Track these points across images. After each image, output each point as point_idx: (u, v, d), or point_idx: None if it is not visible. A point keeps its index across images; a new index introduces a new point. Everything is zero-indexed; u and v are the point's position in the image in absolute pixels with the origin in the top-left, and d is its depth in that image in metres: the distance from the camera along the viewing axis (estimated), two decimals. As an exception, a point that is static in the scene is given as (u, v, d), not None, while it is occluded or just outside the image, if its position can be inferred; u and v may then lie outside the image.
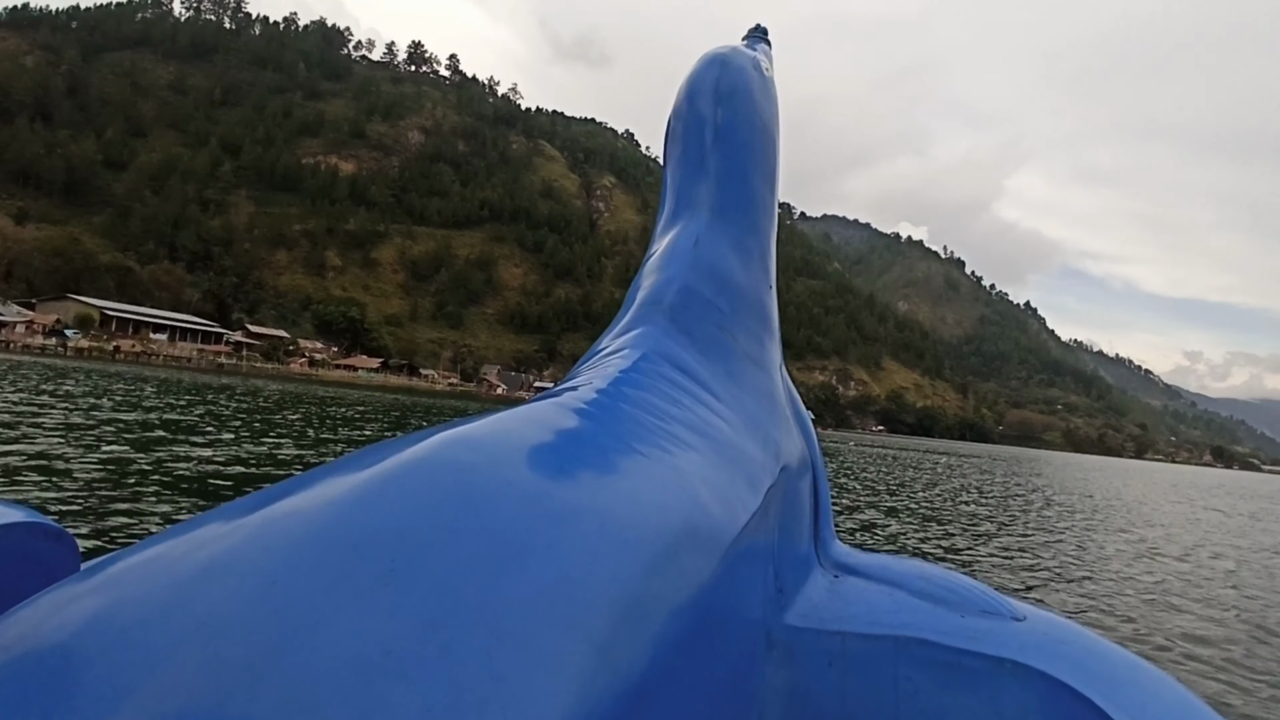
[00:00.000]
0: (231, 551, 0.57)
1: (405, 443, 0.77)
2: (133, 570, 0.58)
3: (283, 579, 0.54)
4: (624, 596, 0.69)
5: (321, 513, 0.62)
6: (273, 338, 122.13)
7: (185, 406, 24.46)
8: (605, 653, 0.62)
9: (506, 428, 0.87)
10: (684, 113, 1.85)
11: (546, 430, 0.91)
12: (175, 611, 0.52)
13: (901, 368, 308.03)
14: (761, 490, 1.26)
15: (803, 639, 1.30)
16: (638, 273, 1.79)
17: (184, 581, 0.54)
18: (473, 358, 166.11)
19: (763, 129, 1.86)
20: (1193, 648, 7.90)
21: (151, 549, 0.61)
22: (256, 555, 0.57)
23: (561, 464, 0.82)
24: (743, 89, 1.82)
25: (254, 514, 0.63)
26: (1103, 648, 1.25)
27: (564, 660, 0.57)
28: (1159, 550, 15.27)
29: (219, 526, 0.62)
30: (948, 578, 1.45)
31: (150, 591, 0.54)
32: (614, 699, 0.60)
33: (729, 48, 1.93)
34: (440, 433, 0.81)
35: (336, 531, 0.59)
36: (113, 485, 9.72)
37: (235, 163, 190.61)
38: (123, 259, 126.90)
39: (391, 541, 0.59)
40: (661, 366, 1.37)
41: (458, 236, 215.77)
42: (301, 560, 0.56)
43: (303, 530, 0.59)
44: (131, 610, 0.52)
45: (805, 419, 1.85)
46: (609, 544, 0.72)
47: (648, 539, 0.79)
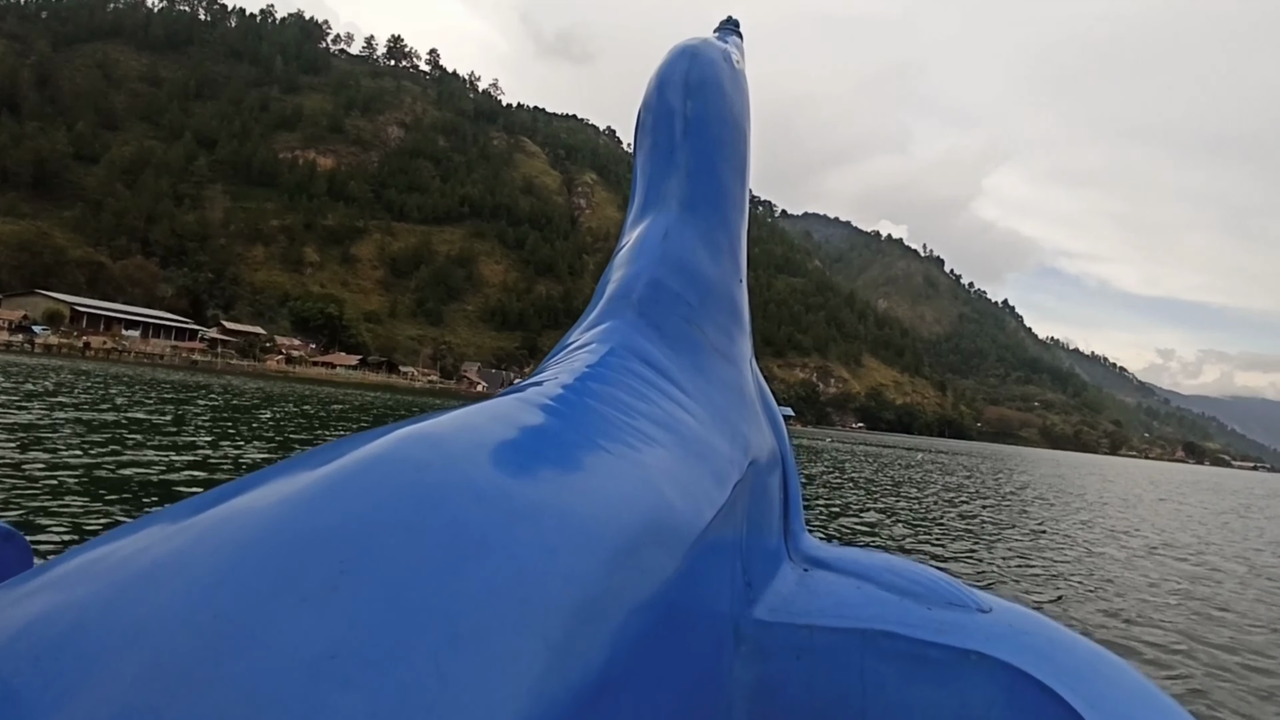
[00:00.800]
0: (177, 552, 0.56)
1: (363, 439, 0.76)
2: (74, 573, 0.56)
3: (228, 581, 0.53)
4: (582, 595, 0.68)
5: (271, 512, 0.60)
6: (249, 334, 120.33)
7: (151, 405, 23.84)
8: (561, 652, 0.61)
9: (467, 424, 0.85)
10: (653, 105, 1.83)
11: (508, 426, 0.89)
12: (114, 615, 0.50)
13: (881, 365, 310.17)
14: (729, 485, 1.26)
15: (771, 633, 1.30)
16: (607, 266, 1.78)
17: (126, 584, 0.53)
18: (453, 355, 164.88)
19: (733, 122, 1.85)
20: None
21: (95, 550, 0.59)
22: (202, 556, 0.55)
23: (522, 461, 0.81)
24: (712, 81, 1.80)
25: (202, 514, 0.61)
26: (1066, 639, 1.27)
27: (517, 661, 0.57)
28: (1165, 550, 15.23)
29: (166, 527, 0.60)
30: (915, 570, 1.45)
31: (89, 595, 0.52)
32: (571, 699, 0.59)
33: (699, 39, 1.91)
34: (399, 429, 0.79)
35: (285, 531, 0.58)
36: (67, 488, 9.31)
37: (210, 156, 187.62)
38: (94, 254, 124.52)
39: (342, 541, 0.58)
40: (629, 361, 1.37)
41: (438, 233, 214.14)
42: (248, 561, 0.55)
43: (251, 530, 0.58)
44: (68, 614, 0.51)
45: (775, 413, 1.84)
46: (568, 542, 0.71)
47: (609, 536, 0.78)
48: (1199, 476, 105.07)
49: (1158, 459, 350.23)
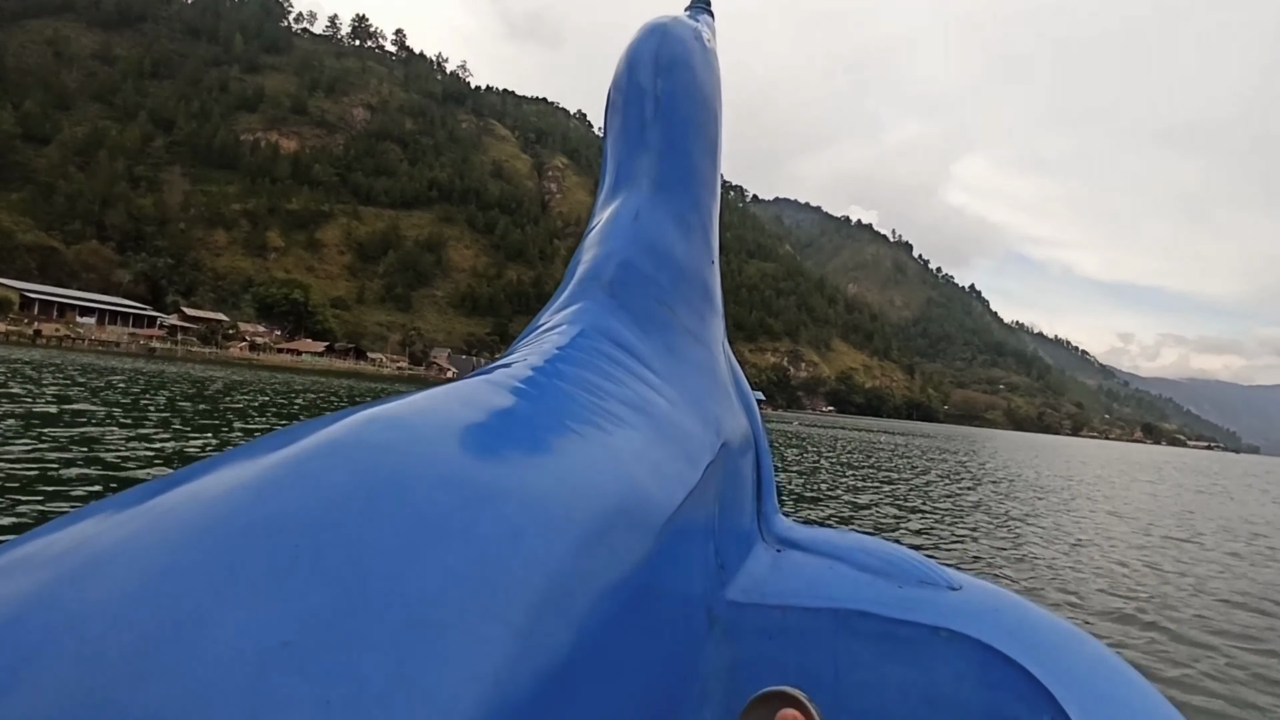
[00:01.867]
0: (121, 542, 0.53)
1: (324, 422, 0.74)
2: (11, 564, 0.53)
3: (175, 570, 0.51)
4: (547, 579, 0.67)
5: (221, 499, 0.58)
6: (210, 321, 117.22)
7: (95, 396, 22.74)
8: (526, 636, 0.60)
9: (432, 406, 0.84)
10: (623, 84, 1.80)
11: (475, 408, 0.88)
12: (54, 606, 0.48)
13: (851, 349, 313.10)
14: (700, 466, 1.25)
15: (744, 614, 1.30)
16: (578, 247, 1.76)
17: (67, 575, 0.50)
18: (422, 341, 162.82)
19: (704, 101, 1.82)
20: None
21: (34, 542, 0.56)
22: (148, 545, 0.53)
23: (488, 443, 0.79)
24: (683, 60, 1.77)
25: (148, 502, 0.59)
26: (1035, 615, 1.28)
27: (478, 647, 0.56)
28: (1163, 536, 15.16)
29: (110, 516, 0.57)
30: (887, 550, 1.45)
31: (28, 586, 0.50)
32: (536, 683, 0.58)
33: (669, 18, 1.88)
34: (361, 411, 0.77)
35: (236, 518, 0.56)
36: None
37: (168, 138, 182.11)
38: (46, 238, 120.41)
39: (296, 527, 0.56)
40: (599, 342, 1.36)
41: (406, 217, 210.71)
42: (196, 550, 0.52)
43: (199, 518, 0.55)
44: (6, 606, 0.48)
45: (748, 395, 1.84)
46: (533, 525, 0.70)
47: (576, 519, 0.77)
48: (1166, 457, 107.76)
49: (1117, 439, 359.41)
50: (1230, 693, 6.23)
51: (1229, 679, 6.58)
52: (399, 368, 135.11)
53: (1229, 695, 6.17)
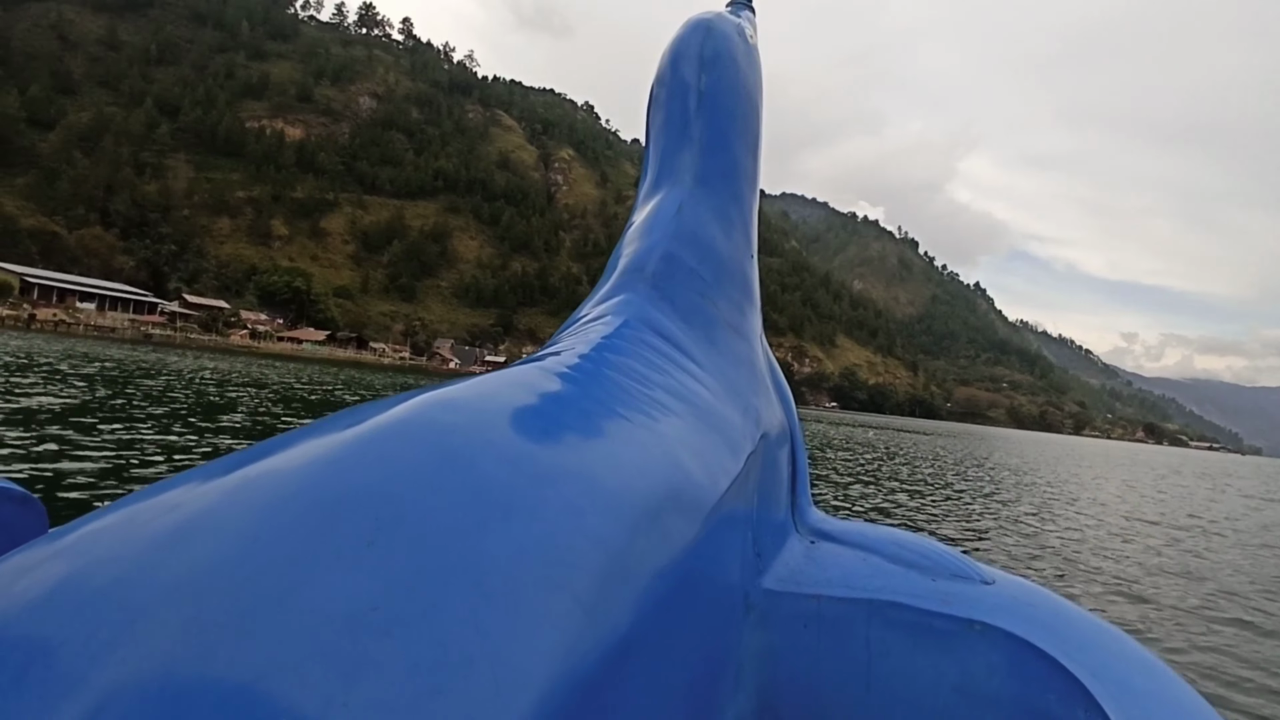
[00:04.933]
0: (209, 511, 0.57)
1: (386, 404, 0.77)
2: (106, 531, 0.57)
3: (263, 538, 0.54)
4: (608, 556, 0.69)
5: (302, 472, 0.61)
6: (212, 308, 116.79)
7: (77, 382, 22.13)
8: (591, 611, 0.62)
9: (488, 390, 0.87)
10: (667, 79, 1.82)
11: (529, 393, 0.91)
12: (152, 571, 0.51)
13: (855, 345, 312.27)
14: (742, 456, 1.29)
15: (779, 602, 1.32)
16: (619, 240, 1.79)
17: (161, 541, 0.54)
18: (426, 331, 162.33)
19: (747, 96, 1.84)
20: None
21: (124, 510, 0.59)
22: (236, 514, 0.56)
23: (544, 426, 0.83)
24: (727, 55, 1.79)
25: (231, 474, 0.62)
26: (1068, 610, 1.29)
27: (550, 618, 0.58)
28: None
29: (194, 487, 0.61)
30: (921, 543, 1.47)
31: (126, 551, 0.53)
32: (598, 656, 0.60)
33: (713, 13, 1.90)
34: (420, 395, 0.81)
35: (318, 490, 0.59)
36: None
37: (173, 124, 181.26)
38: (49, 224, 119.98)
39: (374, 501, 0.59)
40: (644, 333, 1.39)
41: (411, 207, 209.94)
42: (282, 519, 0.56)
43: (283, 489, 0.59)
44: (107, 569, 0.52)
45: (784, 388, 1.86)
46: (593, 504, 0.73)
47: (631, 501, 0.80)
48: (1168, 458, 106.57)
49: (1119, 439, 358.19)
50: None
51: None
52: (401, 358, 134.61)
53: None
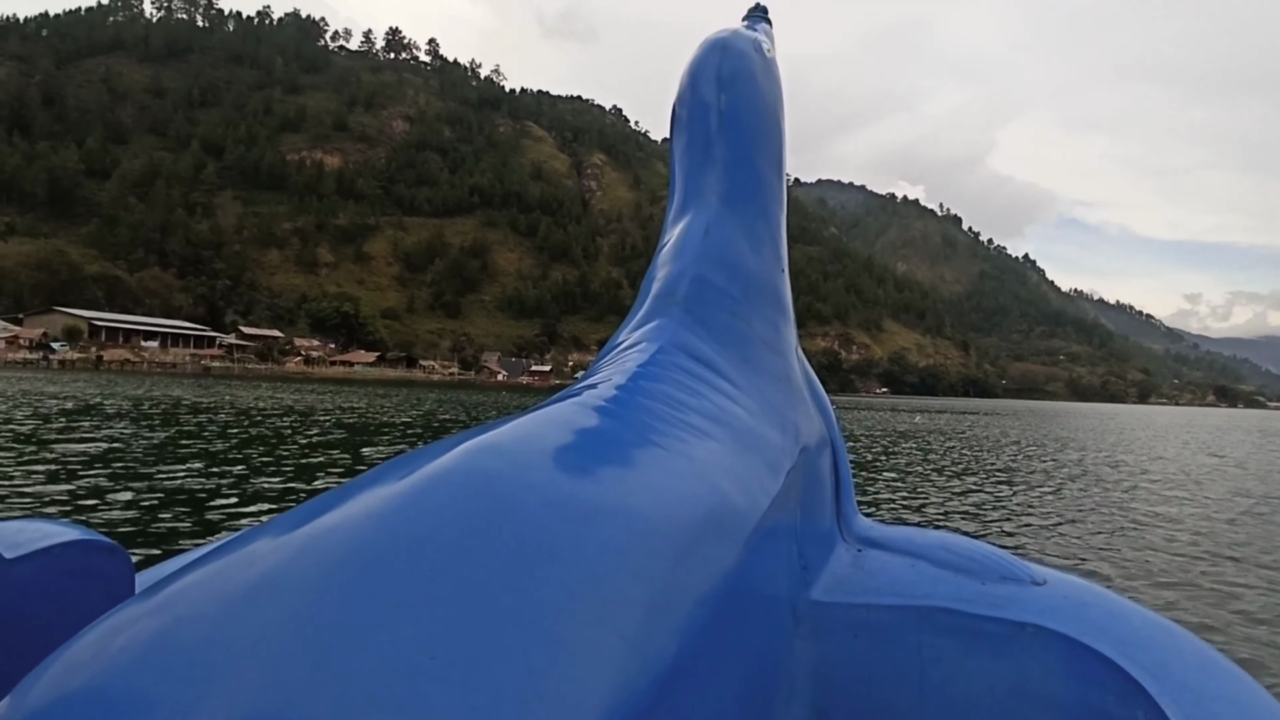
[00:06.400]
0: (281, 567, 0.61)
1: (434, 452, 0.82)
2: (192, 589, 0.61)
3: (330, 592, 0.58)
4: (651, 590, 0.72)
5: (362, 526, 0.66)
6: (267, 338, 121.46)
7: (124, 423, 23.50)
8: (636, 645, 0.65)
9: (529, 431, 0.90)
10: (687, 100, 1.85)
11: (567, 431, 0.95)
12: (232, 628, 0.55)
13: (902, 328, 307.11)
14: (781, 474, 1.30)
15: (828, 613, 1.32)
16: (650, 264, 1.82)
17: (239, 599, 0.58)
18: (472, 346, 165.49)
19: (767, 113, 1.86)
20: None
21: (206, 567, 0.64)
22: (304, 569, 0.60)
23: (584, 463, 0.86)
24: (745, 73, 1.81)
25: (299, 529, 0.67)
26: (1125, 608, 1.27)
27: (597, 655, 0.61)
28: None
29: (268, 542, 0.66)
30: (969, 546, 1.47)
31: (209, 610, 0.57)
32: (648, 688, 0.63)
33: (729, 31, 1.93)
34: (466, 440, 0.84)
35: (376, 544, 0.63)
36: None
37: (219, 163, 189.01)
38: (111, 268, 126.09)
39: (428, 551, 0.63)
40: (678, 358, 1.41)
41: (450, 225, 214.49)
42: (346, 573, 0.60)
43: (346, 544, 0.63)
44: (193, 628, 0.56)
45: (822, 397, 1.87)
46: (633, 539, 0.76)
47: (671, 532, 0.83)
48: (1244, 420, 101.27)
49: (1188, 404, 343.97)
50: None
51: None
52: (450, 374, 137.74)
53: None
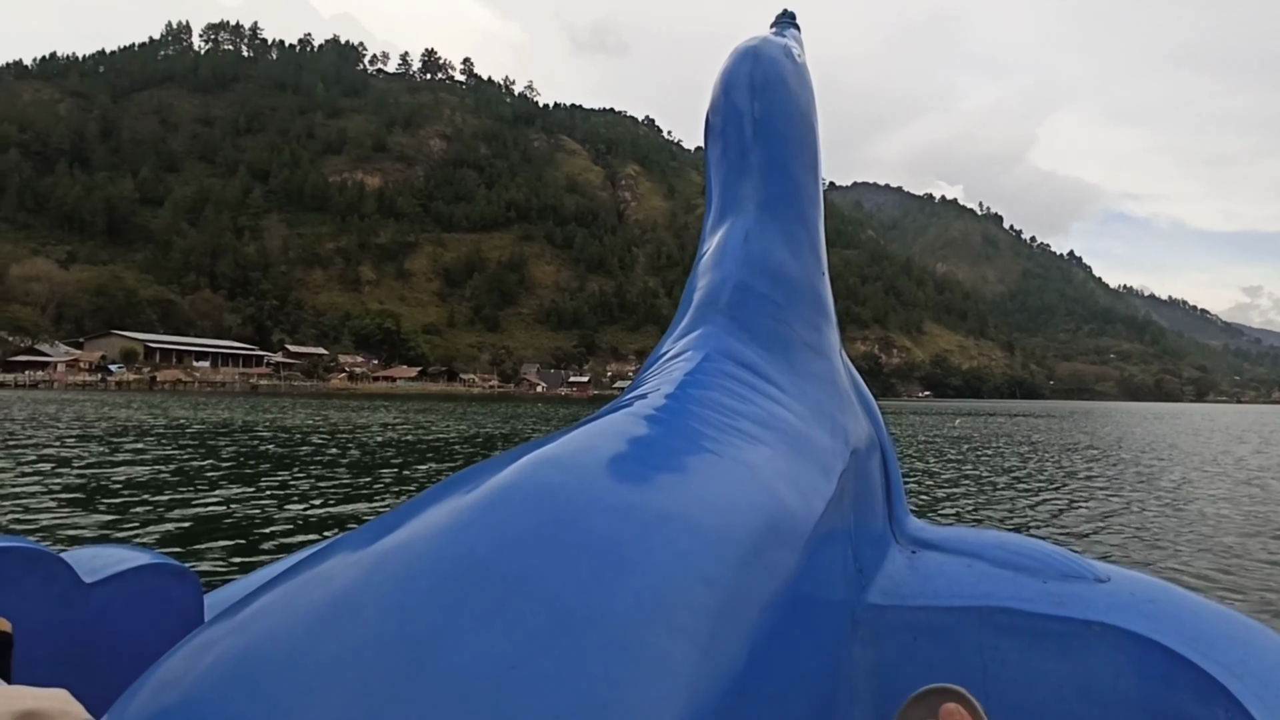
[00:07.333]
0: (359, 583, 0.63)
1: (494, 467, 0.83)
2: (272, 608, 0.63)
3: (409, 607, 0.59)
4: (718, 596, 0.73)
5: (434, 541, 0.68)
6: (312, 356, 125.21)
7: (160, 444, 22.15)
8: (708, 651, 0.66)
9: (587, 444, 0.92)
10: (721, 109, 1.84)
11: (623, 441, 0.97)
12: (319, 643, 0.57)
13: (944, 330, 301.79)
14: (834, 477, 1.28)
15: (886, 616, 1.31)
16: (691, 272, 1.82)
17: (322, 614, 0.60)
18: (512, 359, 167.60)
19: (801, 118, 1.85)
20: None
21: (283, 585, 0.66)
22: (382, 585, 0.62)
23: (643, 473, 0.88)
24: (777, 80, 1.80)
25: (372, 546, 0.69)
26: (1195, 604, 1.22)
27: (671, 662, 0.62)
28: None
29: (343, 559, 0.68)
30: (1026, 544, 1.43)
31: (294, 626, 0.59)
32: (722, 695, 0.64)
33: (759, 38, 1.92)
34: (525, 455, 0.86)
35: (452, 559, 0.65)
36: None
37: (265, 187, 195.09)
38: (165, 292, 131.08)
39: (501, 565, 0.64)
40: (725, 365, 1.40)
41: (487, 240, 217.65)
42: (421, 588, 0.61)
43: (420, 559, 0.65)
44: (281, 644, 0.57)
45: (869, 399, 1.85)
46: (698, 547, 0.77)
47: (735, 538, 0.84)
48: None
49: (1250, 402, 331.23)
50: None
51: None
52: (490, 386, 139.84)
53: None
